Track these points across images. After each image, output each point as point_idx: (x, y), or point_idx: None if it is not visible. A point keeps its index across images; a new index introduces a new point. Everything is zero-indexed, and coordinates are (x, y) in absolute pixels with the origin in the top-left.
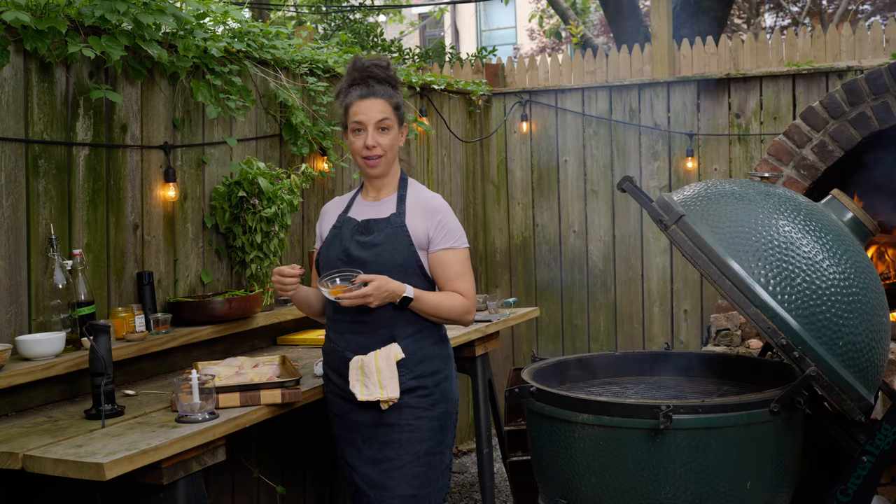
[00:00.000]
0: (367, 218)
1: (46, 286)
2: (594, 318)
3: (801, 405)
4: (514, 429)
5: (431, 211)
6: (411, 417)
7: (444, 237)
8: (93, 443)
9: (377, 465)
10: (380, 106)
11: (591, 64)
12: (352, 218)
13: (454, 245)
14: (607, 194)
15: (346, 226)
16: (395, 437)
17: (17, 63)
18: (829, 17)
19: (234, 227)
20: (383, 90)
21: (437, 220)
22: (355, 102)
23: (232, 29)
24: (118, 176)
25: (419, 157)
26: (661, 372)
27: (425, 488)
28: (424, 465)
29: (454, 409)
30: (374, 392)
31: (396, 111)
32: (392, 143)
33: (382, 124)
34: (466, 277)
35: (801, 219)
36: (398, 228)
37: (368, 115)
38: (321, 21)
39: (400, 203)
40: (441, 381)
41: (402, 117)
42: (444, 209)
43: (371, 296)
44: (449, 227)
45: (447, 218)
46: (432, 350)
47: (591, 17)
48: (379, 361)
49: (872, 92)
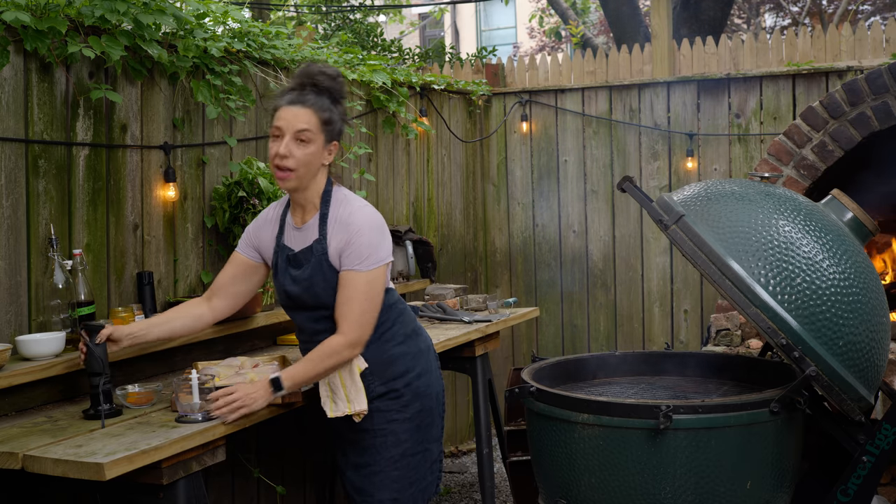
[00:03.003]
0: (295, 249)
1: (46, 286)
2: (594, 318)
3: (801, 405)
4: (514, 429)
5: (345, 227)
6: (384, 421)
7: (349, 257)
8: (93, 443)
9: (359, 471)
10: (304, 116)
11: (591, 64)
12: (286, 246)
13: (356, 267)
14: (607, 194)
15: (280, 256)
16: (370, 442)
17: (17, 63)
18: (829, 17)
19: (234, 228)
20: (317, 101)
21: (346, 240)
22: (282, 107)
23: (232, 29)
24: (118, 176)
25: (419, 157)
26: (661, 372)
27: (406, 490)
28: (402, 467)
29: (434, 403)
30: (343, 407)
31: (325, 125)
32: (309, 159)
33: (301, 136)
34: (359, 305)
35: (801, 219)
36: (321, 258)
37: (288, 123)
38: (321, 21)
39: (322, 225)
40: (412, 381)
41: (334, 134)
42: (361, 225)
43: (226, 407)
44: (357, 245)
45: (360, 236)
46: (398, 350)
47: (591, 16)
48: (343, 376)
49: (872, 92)
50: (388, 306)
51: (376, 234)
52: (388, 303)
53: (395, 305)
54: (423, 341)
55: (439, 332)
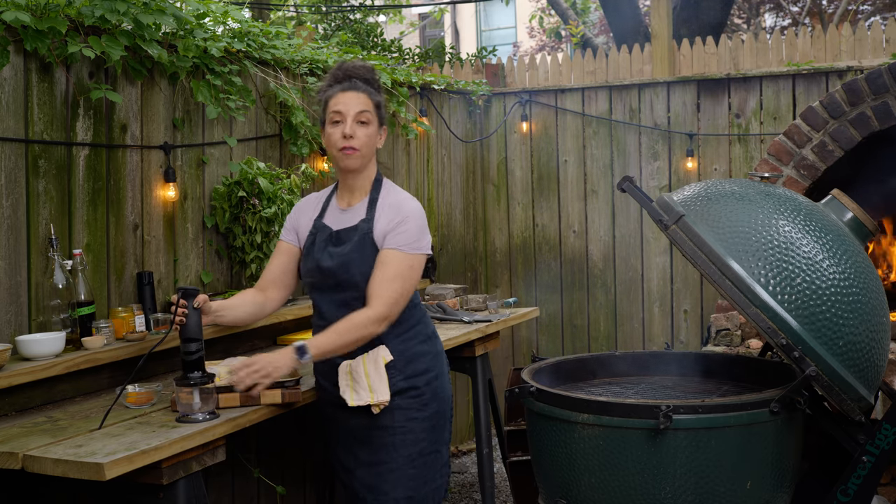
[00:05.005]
0: (339, 228)
1: (46, 286)
2: (594, 318)
3: (801, 405)
4: (514, 429)
5: (396, 210)
6: (403, 419)
7: (397, 236)
8: (93, 443)
9: (372, 468)
10: (361, 99)
11: (591, 64)
12: (326, 226)
13: (402, 247)
14: (607, 194)
15: (319, 234)
16: (389, 439)
17: (17, 63)
18: (829, 18)
19: (234, 227)
20: (365, 87)
21: (397, 221)
22: (336, 94)
23: (232, 29)
24: (118, 176)
25: (419, 157)
26: (661, 372)
27: (421, 489)
28: (419, 466)
29: (447, 406)
30: (365, 397)
31: (377, 109)
32: (369, 139)
33: (362, 117)
34: (396, 284)
35: (801, 219)
36: (365, 235)
37: (348, 106)
38: (321, 21)
39: (370, 208)
40: (432, 380)
41: (383, 119)
42: (412, 212)
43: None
44: (406, 229)
45: (410, 221)
46: (421, 349)
47: (591, 16)
48: (367, 365)
49: (872, 92)
50: (414, 304)
51: (422, 223)
52: (415, 301)
53: (419, 305)
54: (439, 345)
55: (439, 332)
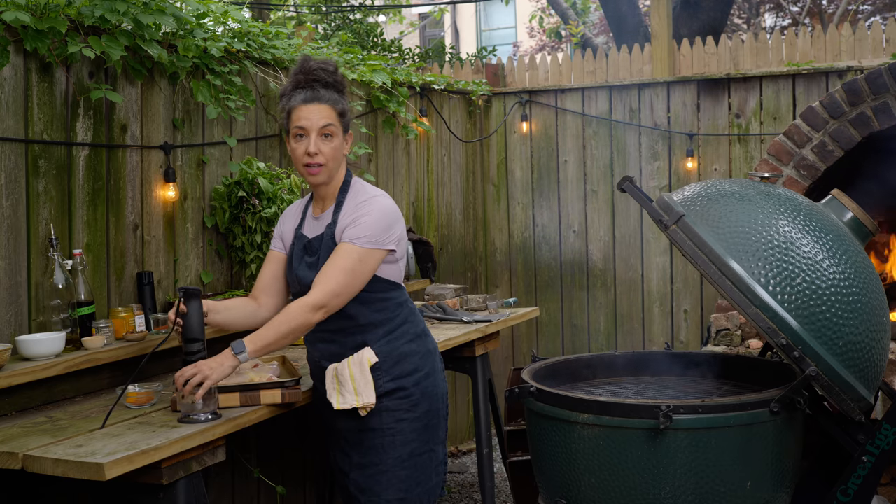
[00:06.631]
0: (312, 236)
1: (46, 286)
2: (594, 318)
3: (801, 405)
4: (514, 429)
5: (357, 206)
6: (392, 421)
7: (352, 230)
8: (93, 443)
9: (364, 470)
10: (324, 112)
11: (591, 64)
12: (303, 235)
13: (355, 240)
14: (607, 194)
15: (297, 244)
16: (378, 441)
17: (17, 63)
18: (829, 17)
19: (234, 227)
20: (328, 95)
21: (356, 216)
22: (298, 107)
23: (232, 29)
24: (118, 176)
25: (419, 157)
26: (661, 372)
27: (413, 490)
28: (410, 467)
29: (440, 405)
30: (350, 400)
31: (341, 118)
32: (335, 152)
33: (326, 130)
34: (341, 276)
35: (801, 219)
36: (330, 240)
37: (311, 121)
38: (321, 21)
39: (336, 211)
40: (421, 380)
41: (348, 124)
42: (375, 207)
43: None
44: (363, 222)
45: (369, 215)
46: (408, 348)
47: (591, 16)
48: (352, 368)
49: (872, 92)
50: (399, 303)
51: (383, 219)
52: (400, 300)
53: (406, 304)
54: (430, 343)
55: (439, 332)
